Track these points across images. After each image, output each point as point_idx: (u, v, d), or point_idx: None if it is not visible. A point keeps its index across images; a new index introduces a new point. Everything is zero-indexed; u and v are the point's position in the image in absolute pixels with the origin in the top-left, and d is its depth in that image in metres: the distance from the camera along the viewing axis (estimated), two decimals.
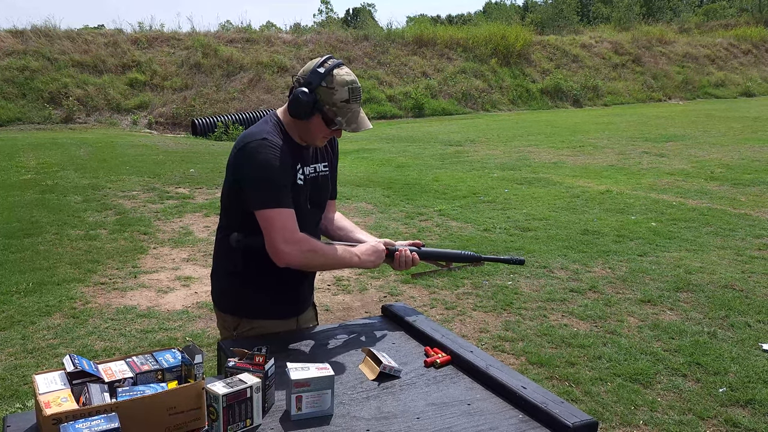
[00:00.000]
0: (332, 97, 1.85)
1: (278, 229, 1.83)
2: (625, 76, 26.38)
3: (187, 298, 4.74)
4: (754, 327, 4.06)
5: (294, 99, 1.86)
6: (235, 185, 1.92)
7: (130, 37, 20.79)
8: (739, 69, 28.99)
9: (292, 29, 27.91)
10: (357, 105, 1.89)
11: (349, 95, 1.86)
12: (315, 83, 1.84)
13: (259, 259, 1.96)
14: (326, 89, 1.85)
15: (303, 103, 1.85)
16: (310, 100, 1.85)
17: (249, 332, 2.03)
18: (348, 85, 1.86)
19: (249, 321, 2.04)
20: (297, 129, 1.95)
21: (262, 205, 1.84)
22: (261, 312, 2.04)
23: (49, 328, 4.13)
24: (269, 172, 1.84)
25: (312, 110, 1.86)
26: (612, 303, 4.52)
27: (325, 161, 2.08)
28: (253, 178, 1.86)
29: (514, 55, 25.06)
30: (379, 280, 5.10)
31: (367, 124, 1.93)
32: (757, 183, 8.63)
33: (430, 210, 7.47)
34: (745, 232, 6.28)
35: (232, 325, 2.06)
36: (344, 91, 1.85)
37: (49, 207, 7.50)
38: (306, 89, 1.84)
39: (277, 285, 2.03)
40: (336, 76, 1.85)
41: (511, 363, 3.61)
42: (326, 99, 1.85)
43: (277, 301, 2.05)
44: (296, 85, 1.88)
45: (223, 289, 2.12)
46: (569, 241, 6.06)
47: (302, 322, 2.16)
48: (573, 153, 11.97)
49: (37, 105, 17.24)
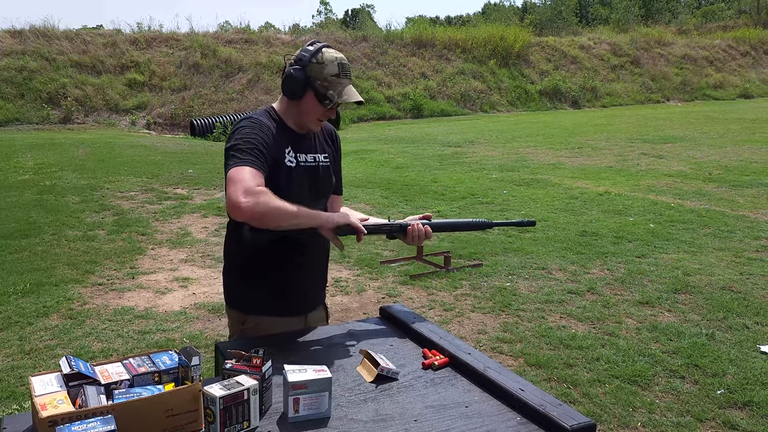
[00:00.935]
0: (323, 72, 1.90)
1: (237, 181, 1.73)
2: (623, 78, 26.42)
3: (185, 299, 4.74)
4: (752, 329, 4.06)
5: (287, 76, 1.92)
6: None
7: (129, 38, 20.79)
8: (737, 71, 29.04)
9: (291, 30, 27.94)
10: (347, 80, 1.94)
11: (339, 70, 1.92)
12: (306, 60, 1.91)
13: (265, 254, 1.98)
14: (316, 65, 1.90)
15: (295, 79, 1.90)
16: (302, 77, 1.90)
17: (255, 329, 2.03)
18: (337, 60, 1.92)
19: (255, 317, 2.05)
20: (292, 114, 1.98)
21: (228, 167, 1.78)
22: (267, 308, 2.05)
23: (47, 329, 4.12)
24: (237, 138, 1.85)
25: (305, 86, 1.91)
26: (610, 304, 4.52)
27: (326, 153, 2.10)
28: (227, 149, 1.86)
29: (513, 56, 25.10)
30: (377, 281, 5.10)
31: (357, 96, 1.95)
32: (755, 185, 8.64)
33: (429, 211, 7.47)
34: (743, 234, 6.28)
35: (239, 321, 2.07)
36: (334, 66, 1.91)
37: (47, 207, 7.49)
38: (297, 66, 1.90)
39: (283, 281, 2.04)
40: (325, 53, 1.92)
41: (510, 364, 3.60)
42: (317, 74, 1.90)
43: (283, 297, 2.05)
44: (288, 66, 1.93)
45: (230, 285, 2.13)
46: (567, 243, 6.06)
47: (311, 321, 2.14)
48: (571, 154, 11.98)
49: (36, 105, 17.23)
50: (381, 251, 5.91)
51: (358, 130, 17.86)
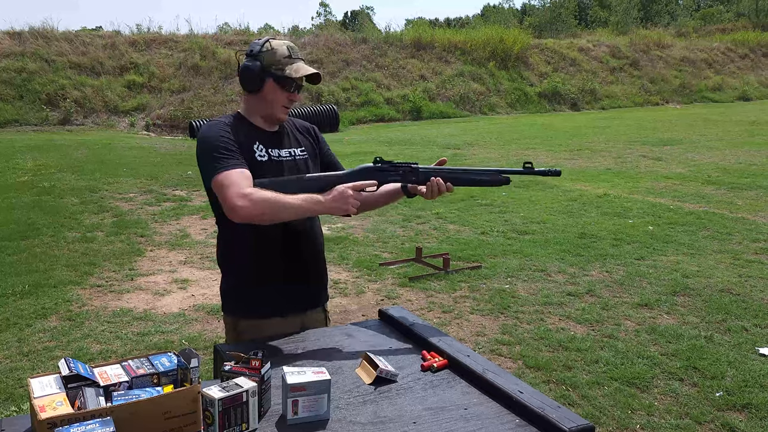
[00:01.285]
0: (275, 57, 1.94)
1: (229, 187, 1.80)
2: (622, 80, 26.44)
3: (183, 301, 4.73)
4: (751, 331, 4.07)
5: (243, 70, 1.95)
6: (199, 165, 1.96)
7: (128, 39, 20.78)
8: (736, 73, 29.07)
9: (291, 31, 27.96)
10: (300, 60, 1.98)
11: (290, 52, 1.96)
12: (256, 50, 1.95)
13: (254, 255, 1.98)
14: (268, 52, 1.94)
15: (252, 69, 1.94)
16: (258, 66, 1.93)
17: (249, 332, 2.02)
18: (285, 44, 1.97)
19: (247, 320, 2.04)
20: (257, 110, 2.01)
21: (212, 173, 1.85)
22: (257, 310, 2.03)
23: (45, 331, 4.12)
24: (210, 143, 1.89)
25: (262, 76, 1.94)
26: (609, 307, 4.52)
27: (302, 147, 2.10)
28: (200, 155, 1.92)
29: (512, 58, 25.11)
30: (376, 283, 5.10)
31: (311, 69, 1.97)
32: (754, 187, 8.65)
33: (428, 213, 7.47)
34: (742, 236, 6.28)
35: (233, 325, 2.06)
36: (284, 49, 1.95)
37: (46, 209, 7.49)
38: (247, 56, 1.95)
39: (273, 281, 2.02)
40: (272, 41, 1.97)
41: (508, 367, 3.60)
42: (270, 60, 1.94)
43: (275, 297, 2.03)
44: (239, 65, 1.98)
45: (223, 290, 2.11)
46: (566, 245, 6.06)
47: (308, 322, 2.12)
48: (570, 156, 11.99)
49: (35, 107, 17.22)
50: (380, 253, 5.91)
51: (357, 131, 17.87)
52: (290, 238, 2.03)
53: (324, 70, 21.83)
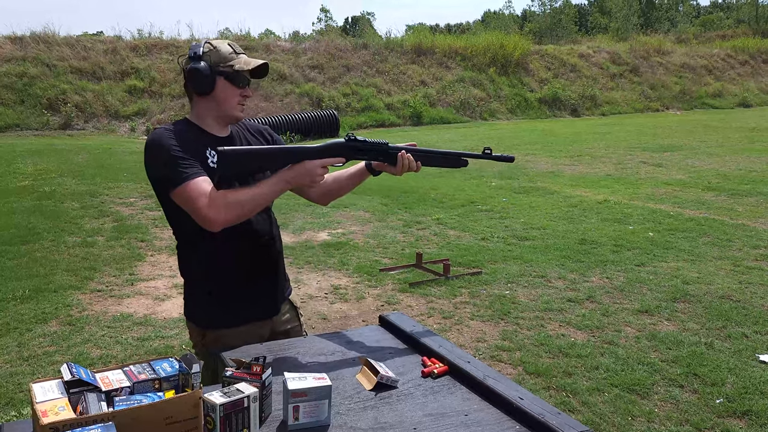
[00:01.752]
0: (219, 55, 1.90)
1: (196, 198, 1.76)
2: (622, 86, 26.49)
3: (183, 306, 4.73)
4: (751, 338, 4.07)
5: (192, 72, 1.87)
6: (153, 187, 1.90)
7: (129, 44, 20.85)
8: (736, 79, 29.13)
9: (291, 37, 28.04)
10: (244, 55, 1.95)
11: (233, 48, 1.93)
12: (200, 51, 1.89)
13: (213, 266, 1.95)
14: (211, 52, 1.90)
15: (201, 71, 1.87)
16: (206, 67, 1.87)
17: (216, 342, 1.96)
18: (226, 42, 1.94)
19: (213, 331, 1.99)
20: (210, 114, 1.94)
21: (173, 185, 1.79)
22: (225, 320, 1.99)
23: (45, 336, 4.12)
24: (164, 152, 1.81)
25: (212, 76, 1.88)
26: (609, 313, 4.52)
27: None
28: (152, 165, 1.85)
29: (512, 64, 25.17)
30: (376, 289, 5.10)
31: (258, 61, 1.93)
32: (754, 193, 8.66)
33: (428, 218, 7.48)
34: (742, 243, 6.29)
35: (197, 337, 2.02)
36: (226, 46, 1.92)
37: (47, 213, 7.50)
38: (193, 59, 1.88)
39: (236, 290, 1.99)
40: (212, 41, 1.93)
41: (509, 373, 3.60)
42: (216, 59, 1.89)
43: (239, 305, 2.00)
44: (184, 71, 1.91)
45: (187, 298, 2.07)
46: (567, 251, 6.06)
47: (277, 324, 2.11)
48: (571, 162, 12.00)
49: (35, 111, 17.26)
50: (380, 259, 5.91)
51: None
52: (250, 247, 2.00)
53: (324, 75, 21.88)
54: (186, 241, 1.98)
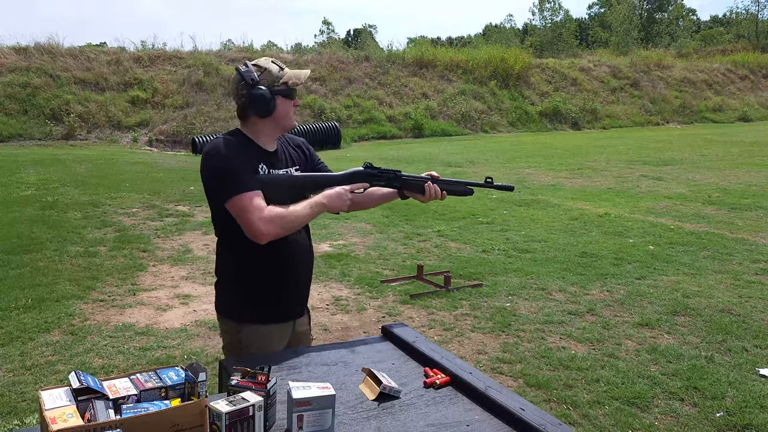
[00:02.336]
0: (272, 76, 2.05)
1: (252, 211, 1.93)
2: (623, 100, 26.60)
3: (185, 316, 4.75)
4: (751, 352, 4.07)
5: (256, 100, 2.02)
6: (206, 191, 2.06)
7: (133, 55, 20.98)
8: (736, 94, 29.25)
9: (293, 49, 28.20)
10: (288, 67, 2.10)
11: (278, 66, 2.08)
12: (256, 77, 2.02)
13: (259, 265, 2.10)
14: (264, 74, 2.04)
15: (264, 96, 2.02)
16: (267, 92, 2.02)
17: (250, 338, 2.12)
18: (269, 60, 2.08)
19: (250, 326, 2.13)
20: (265, 131, 2.10)
21: (229, 194, 1.95)
22: (262, 317, 2.14)
23: (48, 345, 4.14)
24: (225, 161, 1.98)
25: (272, 97, 2.04)
26: (610, 326, 4.53)
27: (296, 165, 2.22)
28: (212, 175, 2.00)
29: (513, 77, 25.30)
30: (377, 300, 5.12)
31: (306, 71, 2.15)
32: (754, 208, 8.68)
33: (429, 231, 7.50)
34: (742, 257, 6.30)
35: (235, 330, 2.15)
36: (272, 65, 2.06)
37: (49, 223, 7.53)
38: (255, 87, 2.02)
39: (277, 289, 2.15)
40: (259, 63, 2.07)
41: (509, 385, 3.61)
42: (270, 80, 2.04)
43: (277, 305, 2.16)
44: (243, 97, 2.04)
45: (224, 296, 2.20)
46: (567, 264, 6.08)
47: (298, 325, 2.27)
48: (571, 175, 12.04)
49: (39, 121, 17.34)
50: (381, 270, 5.93)
51: (360, 149, 17.96)
52: (292, 254, 2.17)
53: (326, 87, 21.99)
54: (232, 244, 2.12)
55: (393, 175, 2.18)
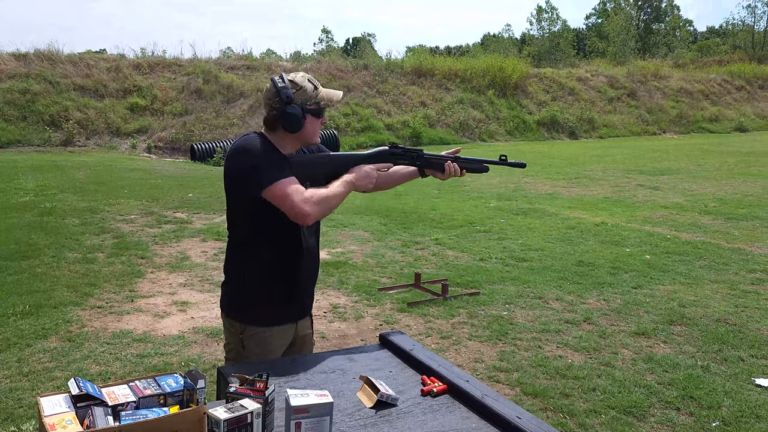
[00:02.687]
0: (306, 94, 2.10)
1: (293, 195, 2.00)
2: (620, 110, 26.70)
3: (183, 323, 4.75)
4: (747, 361, 4.09)
5: (287, 118, 2.07)
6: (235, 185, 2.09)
7: (132, 63, 21.01)
8: (732, 104, 29.38)
9: (293, 57, 28.29)
10: (321, 86, 2.17)
11: (313, 84, 2.13)
12: (292, 95, 2.07)
13: (269, 267, 2.14)
14: (299, 93, 2.09)
15: (296, 114, 2.08)
16: (299, 111, 2.08)
17: (252, 338, 2.16)
18: (306, 78, 2.13)
19: (254, 327, 2.17)
20: (291, 143, 2.16)
21: (270, 181, 2.00)
22: (267, 319, 2.18)
23: (45, 351, 4.14)
24: (265, 154, 2.06)
25: (303, 115, 2.10)
26: (606, 335, 4.54)
27: None
28: (248, 166, 2.04)
29: (511, 86, 25.39)
30: (375, 308, 5.13)
31: (339, 93, 2.21)
32: (750, 218, 8.72)
33: (427, 239, 7.52)
34: (738, 267, 6.33)
35: (239, 330, 2.18)
36: (308, 84, 2.12)
37: (47, 229, 7.53)
38: (288, 104, 2.07)
39: (285, 291, 2.19)
40: (295, 79, 2.11)
41: (506, 393, 3.62)
42: (304, 98, 2.10)
43: (283, 307, 2.20)
44: (275, 111, 2.09)
45: (231, 296, 2.24)
46: (564, 272, 6.10)
47: (300, 328, 2.30)
48: (569, 184, 12.08)
49: (38, 128, 17.34)
50: (379, 278, 5.94)
51: None
52: (305, 258, 2.22)
53: None
54: (243, 245, 2.17)
55: (416, 154, 2.28)
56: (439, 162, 2.29)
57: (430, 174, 2.33)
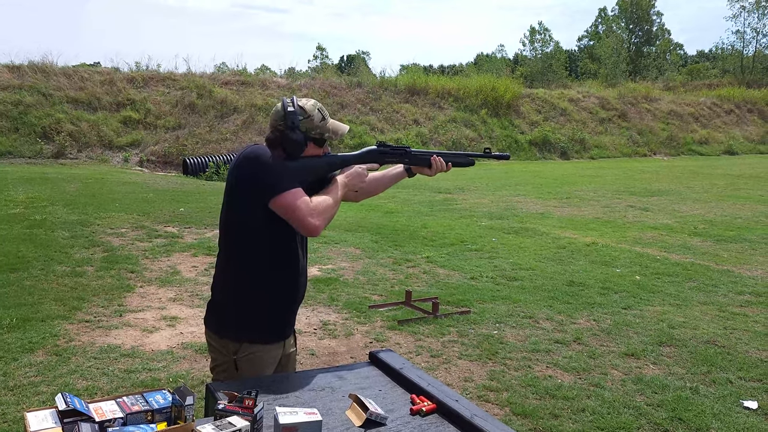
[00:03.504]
0: (312, 123, 2.15)
1: (300, 207, 2.03)
2: (611, 131, 26.95)
3: (172, 339, 4.72)
4: (735, 383, 4.10)
5: (288, 142, 2.10)
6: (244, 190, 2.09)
7: (126, 76, 21.04)
8: (722, 127, 29.73)
9: (287, 73, 28.37)
10: (329, 118, 2.21)
11: (322, 114, 2.18)
12: (296, 121, 2.09)
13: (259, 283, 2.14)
14: (305, 120, 2.13)
15: (298, 140, 2.10)
16: (302, 138, 2.11)
17: (246, 357, 2.13)
18: (316, 106, 2.17)
19: (249, 345, 2.15)
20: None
21: (282, 189, 2.03)
22: (262, 336, 2.17)
23: (32, 365, 4.09)
24: (272, 162, 2.07)
25: (305, 142, 2.13)
26: (596, 355, 4.55)
27: None
28: (266, 169, 2.06)
29: (504, 106, 25.60)
30: (365, 326, 5.11)
31: (345, 127, 2.26)
32: (739, 240, 8.79)
33: (418, 257, 7.52)
34: (727, 288, 6.37)
35: (232, 350, 2.16)
36: (317, 114, 2.17)
37: (37, 242, 7.48)
38: (292, 130, 2.09)
39: (280, 308, 2.20)
40: (305, 107, 2.15)
41: (496, 413, 3.61)
42: (309, 127, 2.14)
43: (276, 324, 2.21)
44: (278, 133, 2.11)
45: (223, 313, 2.21)
46: (555, 292, 6.11)
47: (287, 346, 2.30)
48: (560, 204, 12.14)
49: (29, 139, 17.29)
50: (370, 295, 5.93)
51: None
52: (299, 275, 2.23)
53: None
54: (239, 263, 2.15)
55: (403, 152, 2.36)
56: (425, 157, 2.37)
57: (417, 172, 2.40)
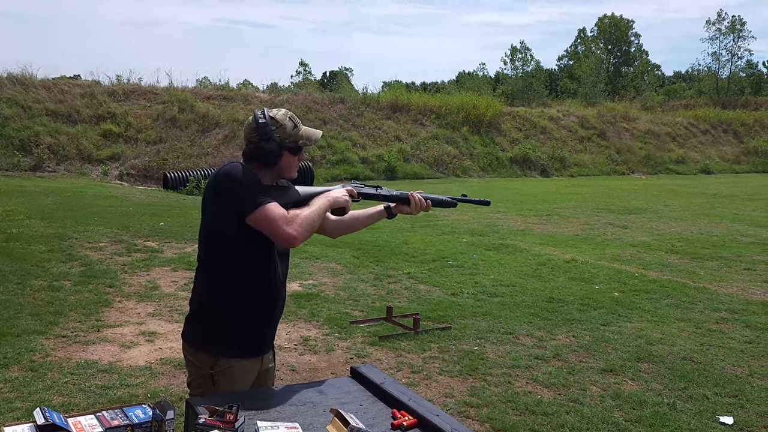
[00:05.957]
0: (285, 132, 2.17)
1: (278, 219, 2.04)
2: (590, 149, 27.32)
3: (150, 354, 4.67)
4: (711, 399, 4.16)
5: (263, 153, 2.13)
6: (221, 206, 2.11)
7: (107, 89, 20.91)
8: (698, 147, 30.29)
9: (269, 89, 28.42)
10: (301, 125, 2.23)
11: (294, 122, 2.20)
12: (269, 132, 2.12)
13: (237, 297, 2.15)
14: (278, 130, 2.16)
15: (272, 150, 2.13)
16: (276, 148, 2.14)
17: (222, 372, 2.13)
18: (287, 116, 2.20)
19: (227, 360, 2.15)
20: (270, 176, 2.20)
21: (256, 205, 2.04)
22: (239, 351, 2.16)
23: (6, 381, 4.02)
24: (249, 178, 2.10)
25: (280, 152, 2.16)
26: (575, 371, 4.58)
27: None
28: (241, 187, 2.08)
29: (485, 124, 25.86)
30: (346, 341, 5.10)
31: (318, 133, 2.28)
32: (715, 258, 8.93)
33: (399, 272, 7.54)
34: (703, 305, 6.46)
35: (208, 364, 2.15)
36: (289, 123, 2.19)
37: (13, 256, 7.37)
38: (266, 141, 2.12)
39: (253, 322, 2.19)
40: (276, 117, 2.18)
41: (476, 429, 3.62)
42: (283, 136, 2.17)
43: (255, 339, 2.22)
44: (252, 145, 2.15)
45: (200, 326, 2.21)
46: (535, 308, 6.16)
47: (265, 361, 2.31)
48: (540, 221, 12.26)
49: (6, 152, 17.07)
50: (351, 311, 5.93)
51: None
52: (279, 289, 2.24)
53: None
54: (216, 277, 2.17)
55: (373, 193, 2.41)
56: (402, 195, 2.43)
57: (397, 211, 2.46)
